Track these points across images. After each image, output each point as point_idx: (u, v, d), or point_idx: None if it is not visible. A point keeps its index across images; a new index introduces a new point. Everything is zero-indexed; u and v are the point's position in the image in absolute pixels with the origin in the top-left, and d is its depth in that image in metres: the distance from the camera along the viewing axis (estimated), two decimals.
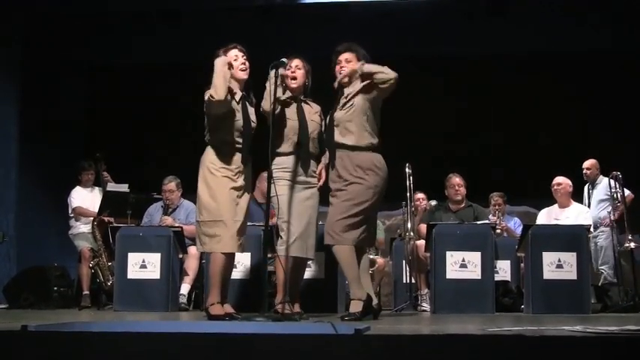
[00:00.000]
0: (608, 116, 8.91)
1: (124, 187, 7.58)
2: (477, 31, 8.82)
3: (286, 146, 5.13)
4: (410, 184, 7.00)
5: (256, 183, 7.07)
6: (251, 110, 5.12)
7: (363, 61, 5.11)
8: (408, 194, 7.00)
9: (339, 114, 5.11)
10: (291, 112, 5.14)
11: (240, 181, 5.03)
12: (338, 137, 5.08)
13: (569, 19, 8.66)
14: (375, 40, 8.32)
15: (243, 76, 5.06)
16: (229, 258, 5.06)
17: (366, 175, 5.01)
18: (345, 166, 5.05)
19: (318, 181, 5.22)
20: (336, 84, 5.16)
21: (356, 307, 4.94)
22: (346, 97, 5.12)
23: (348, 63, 5.15)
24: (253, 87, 5.17)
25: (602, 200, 7.73)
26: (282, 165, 5.13)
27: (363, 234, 5.03)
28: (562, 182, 7.46)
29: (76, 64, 9.52)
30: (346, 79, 5.12)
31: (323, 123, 5.31)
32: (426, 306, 6.81)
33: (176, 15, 8.92)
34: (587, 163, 7.94)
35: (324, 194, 5.32)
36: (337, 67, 5.19)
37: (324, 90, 5.36)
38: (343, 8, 8.72)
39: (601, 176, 7.92)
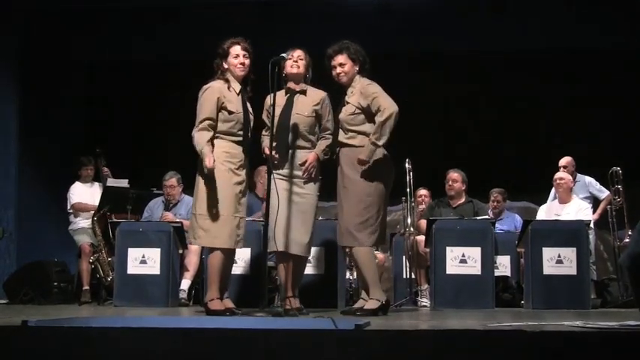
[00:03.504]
0: (608, 114, 8.89)
1: (123, 183, 7.57)
2: (477, 27, 8.81)
3: (274, 143, 5.10)
4: (410, 179, 7.01)
5: (257, 178, 7.10)
6: (249, 104, 5.15)
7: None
8: (407, 190, 7.01)
9: (340, 116, 5.15)
10: (278, 108, 5.10)
11: (242, 175, 5.04)
12: (342, 137, 5.13)
13: (570, 16, 8.64)
14: (375, 36, 8.35)
15: (240, 73, 5.09)
16: (229, 254, 5.06)
17: (372, 171, 5.02)
18: (349, 163, 5.07)
19: (303, 164, 5.15)
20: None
21: (372, 305, 4.99)
22: (348, 96, 5.16)
23: (342, 67, 5.15)
24: (254, 82, 5.19)
25: (583, 198, 7.62)
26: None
27: (376, 232, 5.06)
28: (564, 177, 7.41)
29: (76, 60, 9.50)
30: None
31: (327, 111, 5.29)
32: (426, 301, 6.81)
33: (176, 11, 8.91)
34: (563, 161, 7.75)
35: (325, 189, 5.33)
36: (334, 73, 5.20)
37: (322, 85, 5.37)
38: (343, 4, 8.71)
39: (579, 174, 7.82)
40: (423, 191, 7.82)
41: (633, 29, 8.47)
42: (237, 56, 5.07)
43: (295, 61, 5.21)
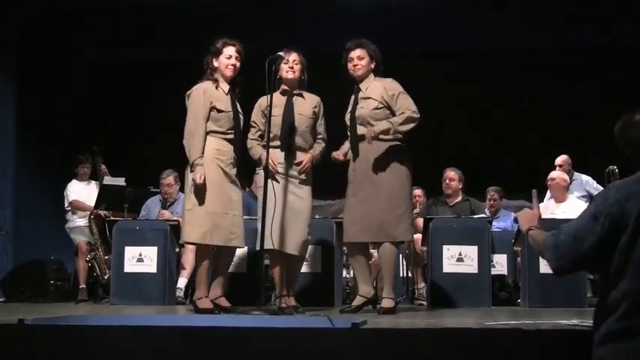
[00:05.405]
0: (606, 113, 8.87)
1: (120, 181, 7.57)
2: (477, 27, 8.81)
3: (272, 142, 5.13)
4: None
5: (256, 178, 7.08)
6: (238, 104, 5.18)
7: (390, 125, 5.05)
8: None
9: (361, 111, 5.15)
10: (277, 108, 5.14)
11: (233, 173, 5.05)
12: (363, 131, 5.11)
13: (569, 16, 8.64)
14: (374, 35, 8.34)
15: (229, 74, 5.13)
16: (219, 250, 5.06)
17: (399, 165, 5.09)
18: (372, 158, 5.08)
19: (298, 165, 5.19)
20: (368, 140, 5.06)
21: (390, 303, 5.09)
22: (364, 92, 5.17)
23: (360, 60, 5.21)
24: (249, 80, 5.22)
25: (580, 197, 7.59)
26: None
27: (410, 225, 5.19)
28: (555, 177, 7.40)
29: (73, 59, 9.48)
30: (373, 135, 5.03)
31: (321, 114, 5.35)
32: (422, 300, 6.81)
33: (176, 11, 8.90)
34: (559, 160, 7.71)
35: (323, 189, 5.33)
36: (350, 65, 5.24)
37: (322, 84, 5.37)
38: (342, 3, 8.70)
39: (575, 173, 7.80)
40: (417, 191, 7.81)
41: (633, 29, 8.47)
42: (230, 57, 5.11)
43: (291, 67, 5.23)
